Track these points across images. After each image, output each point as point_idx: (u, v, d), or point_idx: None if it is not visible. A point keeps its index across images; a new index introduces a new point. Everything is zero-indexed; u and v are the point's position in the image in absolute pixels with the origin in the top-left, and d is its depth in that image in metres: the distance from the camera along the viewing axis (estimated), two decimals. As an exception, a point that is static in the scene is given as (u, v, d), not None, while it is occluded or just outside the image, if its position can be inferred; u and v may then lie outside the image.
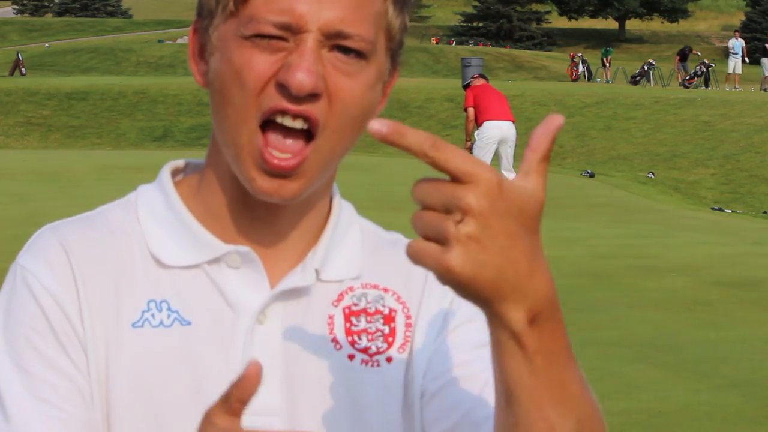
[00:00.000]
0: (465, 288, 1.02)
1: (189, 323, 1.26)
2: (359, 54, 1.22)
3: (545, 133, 1.03)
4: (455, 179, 1.00)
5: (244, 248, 1.28)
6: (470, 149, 16.04)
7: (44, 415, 1.21)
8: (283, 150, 1.21)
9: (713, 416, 6.41)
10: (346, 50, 1.22)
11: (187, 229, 1.29)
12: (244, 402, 1.02)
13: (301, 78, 1.18)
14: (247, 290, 1.27)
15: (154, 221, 1.30)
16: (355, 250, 1.34)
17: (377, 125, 1.00)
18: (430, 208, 1.01)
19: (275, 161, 1.21)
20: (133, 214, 1.31)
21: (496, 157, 15.80)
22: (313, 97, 1.20)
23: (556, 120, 1.04)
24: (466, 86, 16.55)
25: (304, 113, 1.20)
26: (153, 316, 1.25)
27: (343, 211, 1.35)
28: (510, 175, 15.70)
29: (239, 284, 1.28)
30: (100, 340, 1.24)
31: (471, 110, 15.57)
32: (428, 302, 1.34)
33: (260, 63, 1.21)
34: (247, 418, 1.23)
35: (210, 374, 1.25)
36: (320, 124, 1.21)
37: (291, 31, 1.20)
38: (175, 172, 1.35)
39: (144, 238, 1.29)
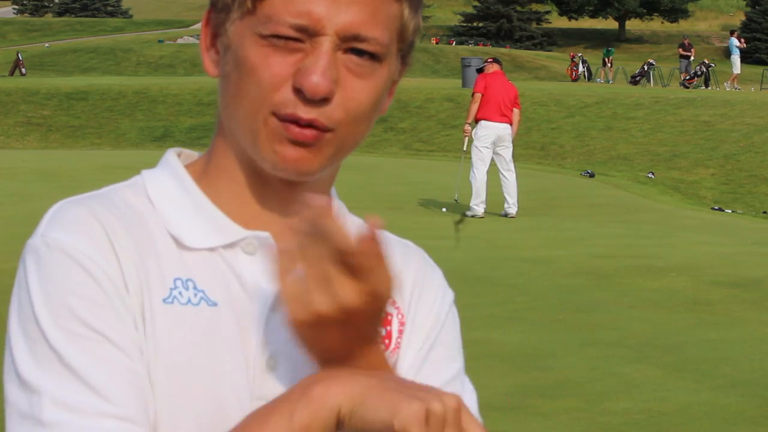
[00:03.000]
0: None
1: (216, 304, 1.26)
2: (373, 56, 1.24)
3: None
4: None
5: (264, 234, 1.29)
6: (469, 132, 15.94)
7: (114, 363, 1.19)
8: (300, 127, 1.24)
9: (713, 416, 6.41)
10: (360, 52, 1.24)
11: (204, 212, 1.30)
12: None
13: (317, 82, 1.20)
14: (262, 276, 1.28)
15: (169, 203, 1.30)
16: None
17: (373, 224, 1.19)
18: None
19: (297, 130, 1.23)
20: (144, 196, 1.30)
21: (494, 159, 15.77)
22: (325, 100, 1.22)
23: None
24: (479, 70, 16.39)
25: (313, 123, 1.23)
26: (180, 293, 1.25)
27: (341, 208, 1.37)
28: (510, 175, 15.73)
29: (254, 270, 1.28)
30: (138, 313, 1.23)
31: (478, 96, 15.46)
32: (417, 311, 1.37)
33: (276, 63, 1.22)
34: (258, 403, 1.24)
35: (229, 358, 1.26)
36: (329, 126, 1.23)
37: (308, 33, 1.22)
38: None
39: (160, 218, 1.29)
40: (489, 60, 16.46)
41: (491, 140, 15.46)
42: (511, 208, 15.74)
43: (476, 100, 15.56)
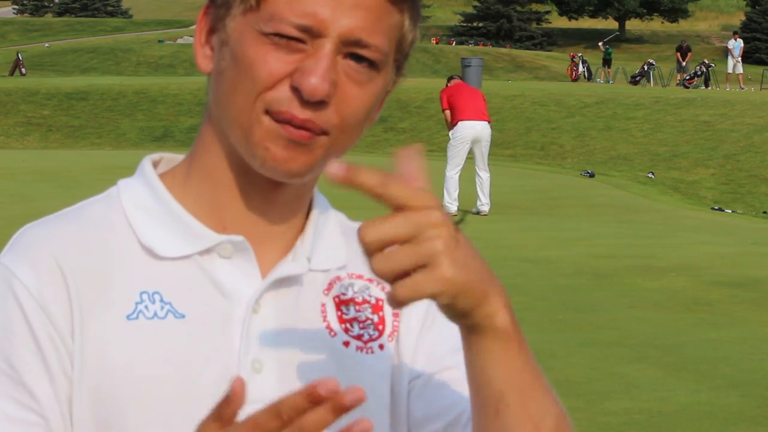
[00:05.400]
0: (462, 294, 1.10)
1: (183, 316, 1.26)
2: (372, 64, 1.24)
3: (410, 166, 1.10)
4: (409, 208, 1.07)
5: (238, 238, 1.28)
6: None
7: (16, 418, 1.21)
8: (294, 128, 1.23)
9: (713, 416, 6.41)
10: (359, 59, 1.23)
11: (178, 220, 1.29)
12: (235, 414, 1.05)
13: (315, 84, 1.20)
14: (240, 280, 1.28)
15: (143, 213, 1.29)
16: (338, 239, 1.37)
17: (334, 168, 1.06)
18: (389, 244, 1.07)
19: (294, 130, 1.22)
20: (118, 207, 1.30)
21: (471, 156, 16.00)
22: (322, 103, 1.22)
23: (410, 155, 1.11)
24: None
25: (307, 124, 1.22)
26: (147, 307, 1.25)
27: (321, 202, 1.37)
28: (485, 174, 15.88)
29: (232, 274, 1.28)
30: (92, 337, 1.24)
31: (447, 112, 16.01)
32: None
33: (275, 61, 1.22)
34: (247, 407, 1.24)
35: (207, 366, 1.26)
36: (327, 128, 1.23)
37: (311, 34, 1.22)
38: (154, 166, 1.36)
39: (132, 230, 1.29)
40: (454, 76, 17.08)
41: (470, 138, 15.77)
42: (484, 206, 15.98)
43: (447, 118, 16.11)
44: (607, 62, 47.39)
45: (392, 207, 1.07)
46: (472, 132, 15.71)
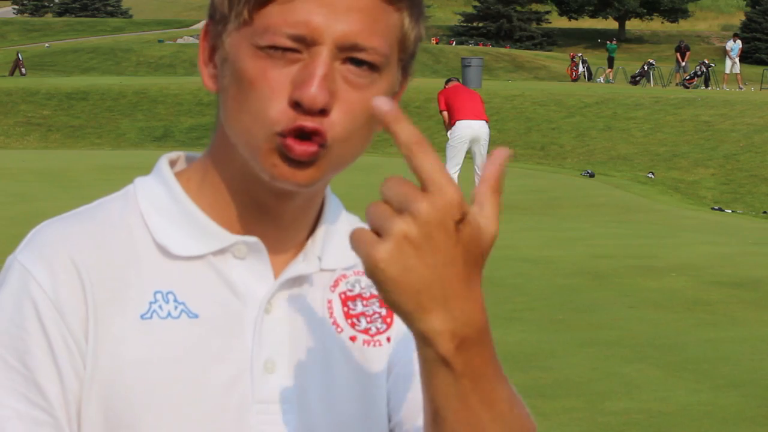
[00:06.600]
0: (386, 288, 1.05)
1: (196, 316, 1.26)
2: (372, 66, 1.23)
3: (494, 164, 1.09)
4: (423, 186, 1.04)
5: (253, 239, 1.28)
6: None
7: (26, 415, 1.21)
8: (301, 143, 1.22)
9: (713, 416, 6.41)
10: (359, 62, 1.22)
11: (193, 219, 1.29)
12: None
13: (314, 94, 1.19)
14: (253, 280, 1.29)
15: (158, 212, 1.30)
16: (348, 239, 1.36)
17: (381, 103, 1.05)
18: (387, 203, 1.05)
19: (298, 148, 1.20)
20: (134, 206, 1.30)
21: (470, 155, 16.08)
22: (324, 111, 1.20)
23: (502, 153, 1.10)
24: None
25: (317, 130, 1.21)
26: (160, 307, 1.25)
27: (332, 203, 1.37)
28: None
29: (245, 275, 1.29)
30: (106, 336, 1.24)
31: (445, 113, 16.19)
32: None
33: (275, 75, 1.21)
34: (260, 406, 1.25)
35: (220, 366, 1.26)
36: (329, 138, 1.21)
37: (305, 43, 1.20)
38: (170, 165, 1.36)
39: (148, 228, 1.29)
40: (450, 79, 17.23)
41: (468, 138, 15.88)
42: None
43: (444, 118, 16.28)
44: (610, 61, 47.43)
45: (418, 179, 1.05)
46: (470, 131, 15.78)
